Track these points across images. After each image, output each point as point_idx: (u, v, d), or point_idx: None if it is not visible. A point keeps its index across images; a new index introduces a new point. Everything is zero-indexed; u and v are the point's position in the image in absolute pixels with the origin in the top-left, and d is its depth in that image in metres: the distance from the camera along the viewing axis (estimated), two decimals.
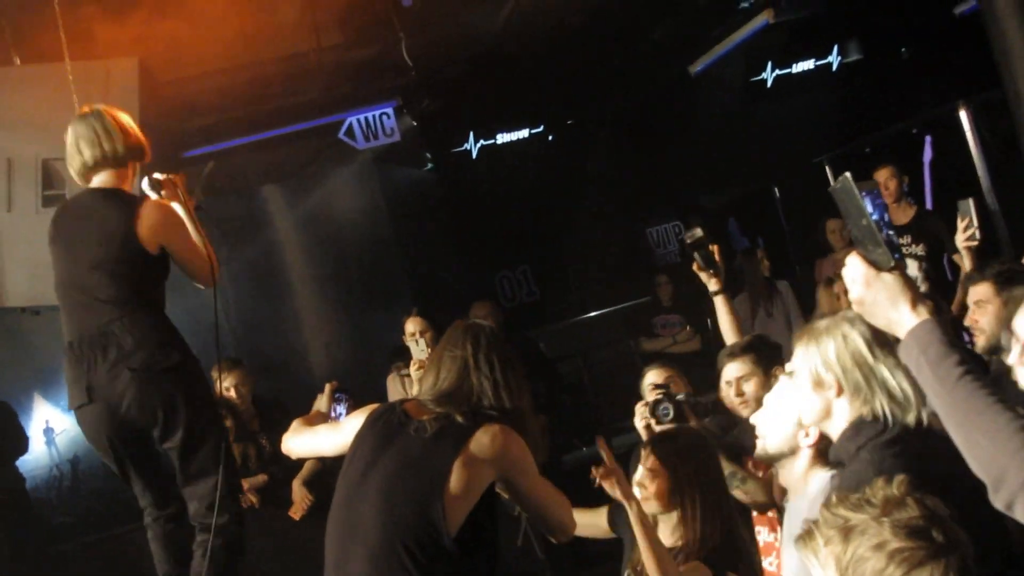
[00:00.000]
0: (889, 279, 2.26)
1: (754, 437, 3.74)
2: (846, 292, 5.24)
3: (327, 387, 4.88)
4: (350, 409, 4.77)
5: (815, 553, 2.40)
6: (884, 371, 3.16)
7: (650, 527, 3.98)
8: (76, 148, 4.96)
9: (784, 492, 4.39)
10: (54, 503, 10.25)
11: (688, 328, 10.41)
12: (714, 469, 4.25)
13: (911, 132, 11.19)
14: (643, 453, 4.36)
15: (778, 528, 4.51)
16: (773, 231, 13.19)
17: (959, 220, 5.08)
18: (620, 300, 12.29)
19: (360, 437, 3.86)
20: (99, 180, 4.98)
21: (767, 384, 4.66)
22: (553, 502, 3.94)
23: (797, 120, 12.07)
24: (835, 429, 3.27)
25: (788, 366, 3.41)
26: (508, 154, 12.23)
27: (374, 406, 4.03)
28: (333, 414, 4.78)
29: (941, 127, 10.64)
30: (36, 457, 9.83)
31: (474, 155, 12.06)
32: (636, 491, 4.21)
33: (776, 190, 13.10)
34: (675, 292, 10.70)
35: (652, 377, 5.40)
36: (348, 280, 10.68)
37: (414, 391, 4.44)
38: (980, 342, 5.02)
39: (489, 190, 12.19)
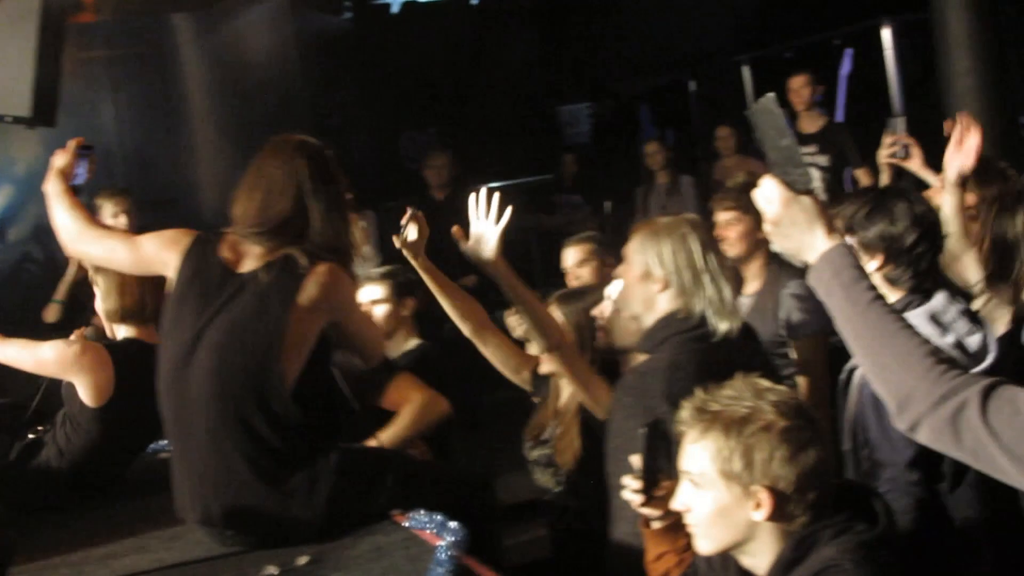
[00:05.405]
0: (806, 202, 2.25)
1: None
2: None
3: (72, 143, 3.99)
4: (91, 169, 4.07)
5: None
6: (710, 277, 3.30)
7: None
8: None
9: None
10: None
11: (587, 210, 10.41)
12: None
13: (833, 43, 11.18)
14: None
15: None
16: (684, 125, 13.18)
17: (885, 136, 5.12)
18: (524, 174, 12.23)
19: (179, 294, 3.44)
20: None
21: (600, 272, 4.92)
22: (371, 330, 3.81)
23: (720, 16, 11.96)
24: (652, 320, 3.39)
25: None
26: (428, 14, 11.95)
27: (176, 236, 3.59)
28: (77, 178, 3.97)
29: (863, 42, 10.65)
30: None
31: (394, 9, 11.78)
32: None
33: (691, 84, 13.07)
34: (579, 173, 10.67)
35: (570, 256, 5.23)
36: (249, 122, 10.38)
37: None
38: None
39: (404, 48, 11.92)
